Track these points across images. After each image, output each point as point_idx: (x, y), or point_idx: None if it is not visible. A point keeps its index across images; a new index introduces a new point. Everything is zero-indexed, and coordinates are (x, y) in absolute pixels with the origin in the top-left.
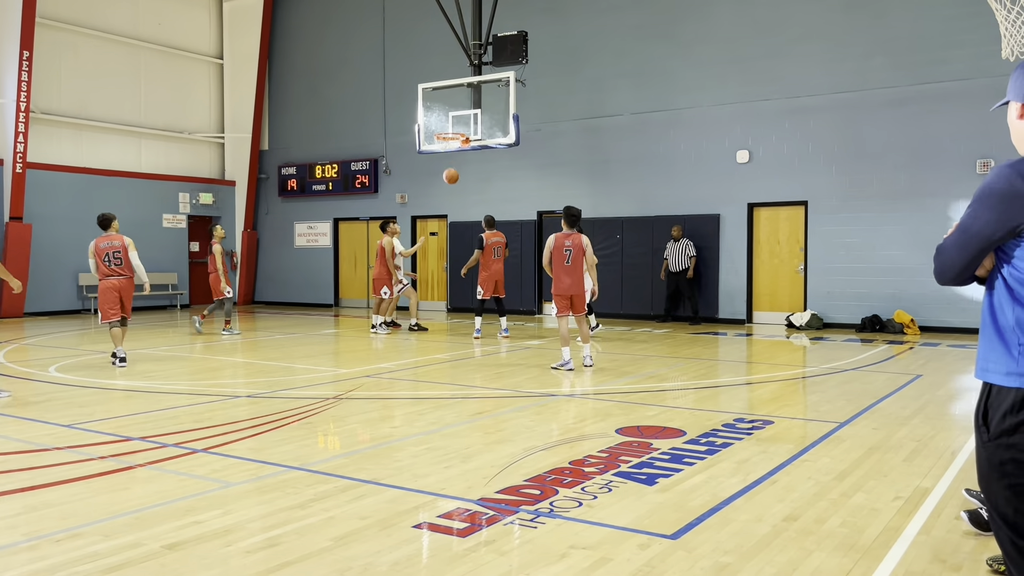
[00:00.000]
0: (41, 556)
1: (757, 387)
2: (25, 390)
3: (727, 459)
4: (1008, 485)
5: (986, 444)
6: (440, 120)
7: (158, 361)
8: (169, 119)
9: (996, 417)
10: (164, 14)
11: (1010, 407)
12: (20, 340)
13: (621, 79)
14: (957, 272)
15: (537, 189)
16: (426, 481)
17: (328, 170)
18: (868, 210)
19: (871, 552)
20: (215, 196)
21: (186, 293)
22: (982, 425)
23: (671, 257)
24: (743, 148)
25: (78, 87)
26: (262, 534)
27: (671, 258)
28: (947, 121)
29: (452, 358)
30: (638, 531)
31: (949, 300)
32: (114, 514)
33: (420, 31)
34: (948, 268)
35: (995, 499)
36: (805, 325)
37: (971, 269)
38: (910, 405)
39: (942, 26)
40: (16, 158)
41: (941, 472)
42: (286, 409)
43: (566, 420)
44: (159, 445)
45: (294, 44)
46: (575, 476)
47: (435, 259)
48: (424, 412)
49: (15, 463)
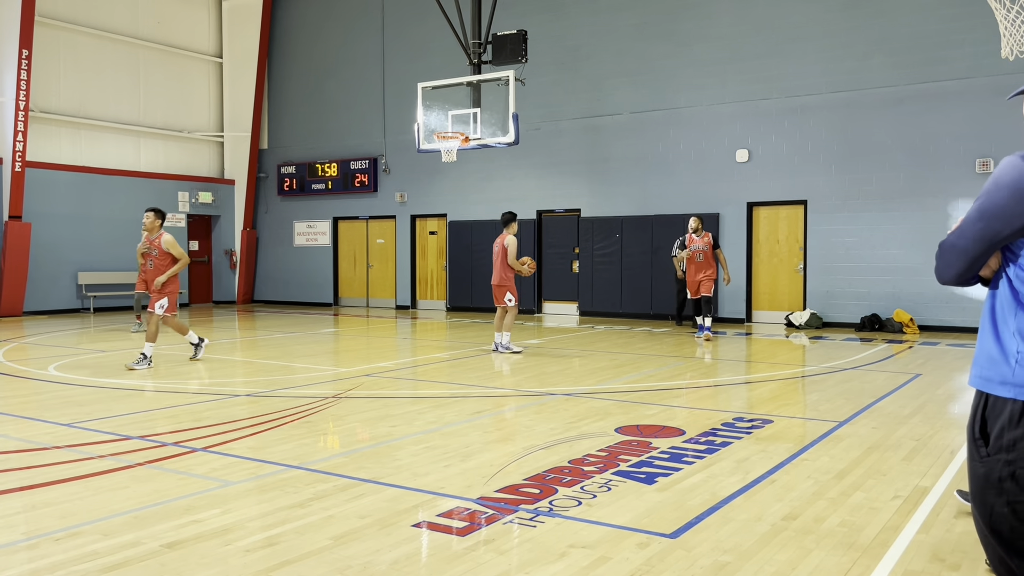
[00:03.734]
0: (41, 555)
1: (756, 386)
2: (24, 389)
3: (726, 458)
4: (1007, 502)
5: (983, 459)
6: (440, 119)
7: (157, 360)
8: (168, 118)
9: (994, 431)
10: (163, 13)
11: (1008, 420)
12: (20, 339)
13: (621, 78)
14: (959, 272)
15: (537, 188)
16: (425, 480)
17: (327, 169)
18: (867, 209)
19: (870, 551)
20: (214, 195)
21: (186, 292)
22: (979, 437)
23: (696, 255)
24: (743, 147)
25: (77, 86)
26: (261, 533)
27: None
28: (946, 120)
29: (452, 357)
30: (637, 530)
31: (948, 299)
32: (113, 513)
33: (420, 30)
34: (950, 267)
35: (989, 515)
36: (804, 324)
37: (974, 269)
38: (909, 404)
39: (941, 25)
40: (15, 157)
41: (940, 471)
42: (285, 408)
43: (565, 419)
44: (158, 444)
45: (294, 43)
46: (574, 475)
47: (434, 258)
48: (423, 411)
49: (15, 462)
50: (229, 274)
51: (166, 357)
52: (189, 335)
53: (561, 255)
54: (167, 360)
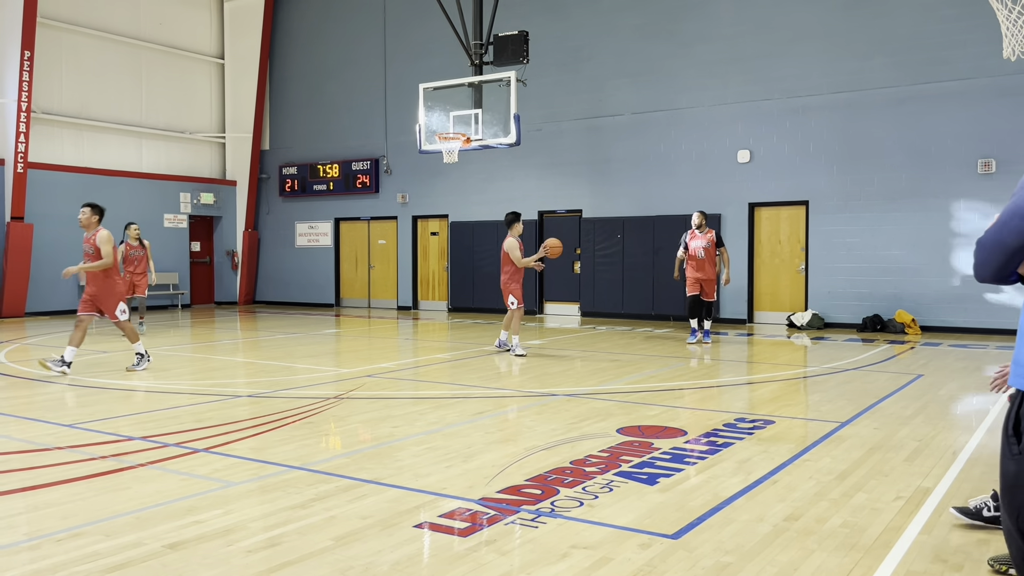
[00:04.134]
0: (43, 555)
1: (758, 387)
2: (27, 390)
3: (728, 459)
4: None
5: (1015, 456)
6: (441, 120)
7: (159, 361)
8: (170, 119)
9: None
10: (165, 14)
11: None
12: (21, 340)
13: (622, 79)
14: (996, 268)
15: (538, 189)
16: (427, 481)
17: (329, 170)
18: (869, 210)
19: (872, 552)
20: (216, 196)
21: (187, 293)
22: (1012, 435)
23: (697, 252)
24: (744, 148)
25: (79, 87)
26: (263, 533)
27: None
28: (948, 121)
29: (453, 358)
30: (639, 531)
31: (951, 300)
32: (115, 513)
33: (421, 31)
34: (986, 263)
35: (1017, 513)
36: (806, 325)
37: (1012, 265)
38: (911, 405)
39: (943, 26)
40: (17, 158)
41: (942, 472)
42: (287, 409)
43: (567, 420)
44: (160, 445)
45: (295, 44)
46: (576, 476)
47: (436, 259)
48: (425, 412)
49: (17, 463)
50: (231, 275)
51: (167, 357)
52: (137, 345)
53: (563, 256)
54: (168, 360)
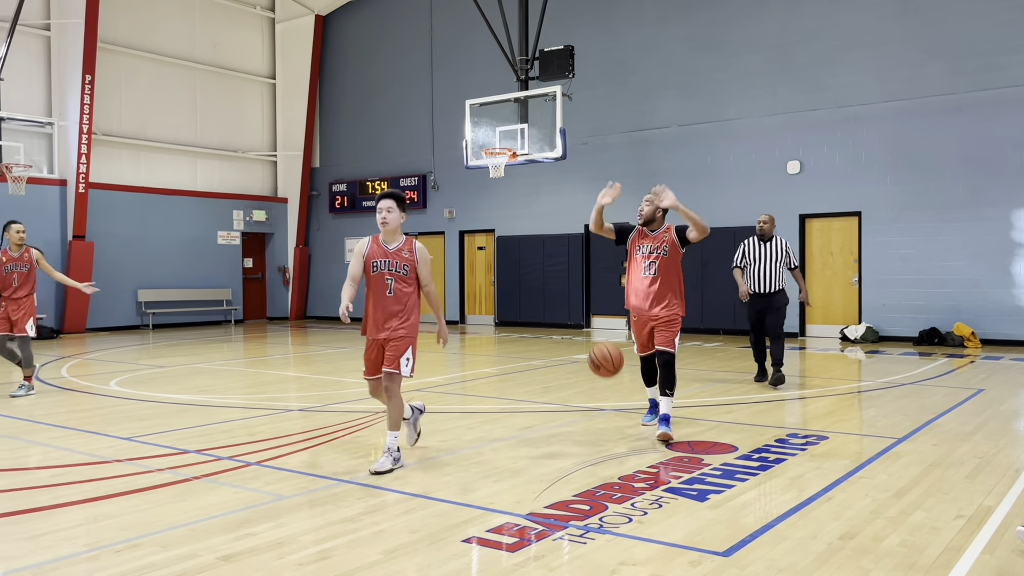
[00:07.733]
0: (100, 567)
1: (811, 402)
2: (87, 404)
3: (780, 475)
4: None
5: None
6: (487, 135)
7: (213, 375)
8: (223, 138)
9: None
10: (219, 36)
11: None
12: (83, 355)
13: (668, 91)
14: None
15: (585, 203)
16: (475, 495)
17: (378, 186)
18: (925, 220)
19: (932, 572)
20: (268, 213)
21: (240, 308)
22: None
23: (760, 267)
24: (794, 159)
25: (137, 109)
26: (314, 547)
27: (761, 269)
28: (1007, 128)
29: (501, 372)
30: (689, 548)
31: (1011, 312)
32: (171, 525)
33: (467, 47)
34: None
35: None
36: (860, 338)
37: None
38: (971, 421)
39: (998, 31)
40: (79, 179)
41: (1005, 490)
42: (337, 423)
43: (615, 435)
44: (214, 458)
45: (344, 62)
46: (624, 491)
47: (483, 273)
48: (473, 426)
49: (77, 475)
50: (282, 291)
51: (221, 371)
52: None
53: (610, 269)
54: (222, 374)
